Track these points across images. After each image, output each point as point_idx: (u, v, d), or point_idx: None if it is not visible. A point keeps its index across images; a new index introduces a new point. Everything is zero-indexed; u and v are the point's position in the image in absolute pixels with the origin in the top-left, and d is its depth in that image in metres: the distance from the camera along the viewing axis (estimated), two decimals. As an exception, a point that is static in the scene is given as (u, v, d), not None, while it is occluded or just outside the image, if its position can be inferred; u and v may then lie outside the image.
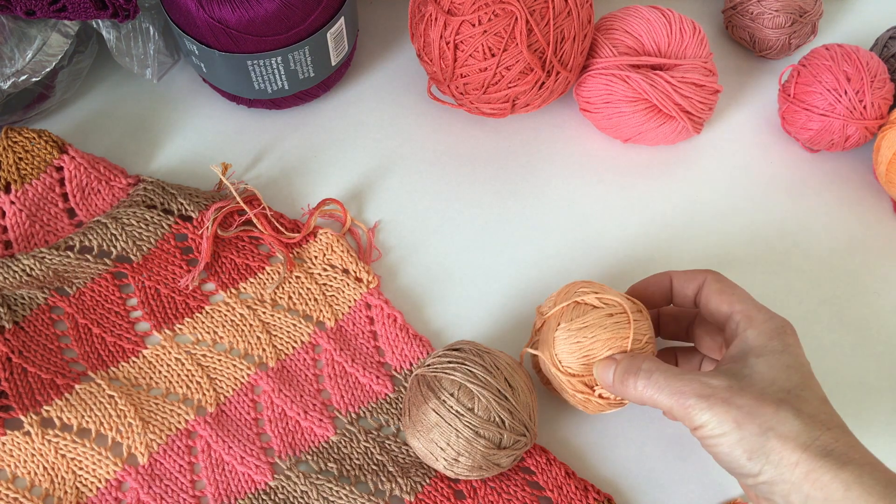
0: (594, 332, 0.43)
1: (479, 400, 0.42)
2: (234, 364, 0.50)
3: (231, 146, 0.59)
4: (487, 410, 0.42)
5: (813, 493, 0.35)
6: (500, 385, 0.42)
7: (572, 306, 0.44)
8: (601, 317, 0.43)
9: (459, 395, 0.42)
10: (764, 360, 0.39)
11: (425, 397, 0.43)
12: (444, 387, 0.42)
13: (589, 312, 0.43)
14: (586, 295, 0.44)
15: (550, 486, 0.46)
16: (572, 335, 0.43)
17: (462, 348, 0.44)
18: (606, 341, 0.42)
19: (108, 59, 0.61)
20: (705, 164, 0.59)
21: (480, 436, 0.42)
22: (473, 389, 0.42)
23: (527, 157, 0.59)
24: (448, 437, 0.42)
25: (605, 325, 0.43)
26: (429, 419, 0.42)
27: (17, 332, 0.50)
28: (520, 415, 0.43)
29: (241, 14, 0.50)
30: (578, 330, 0.43)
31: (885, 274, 0.55)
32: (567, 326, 0.43)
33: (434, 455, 0.43)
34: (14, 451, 0.47)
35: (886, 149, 0.53)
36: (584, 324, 0.43)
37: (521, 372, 0.44)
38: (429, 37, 0.53)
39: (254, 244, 0.54)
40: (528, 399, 0.44)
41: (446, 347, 0.45)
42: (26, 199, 0.52)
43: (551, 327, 0.44)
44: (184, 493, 0.47)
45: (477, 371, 0.42)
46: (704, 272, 0.44)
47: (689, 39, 0.55)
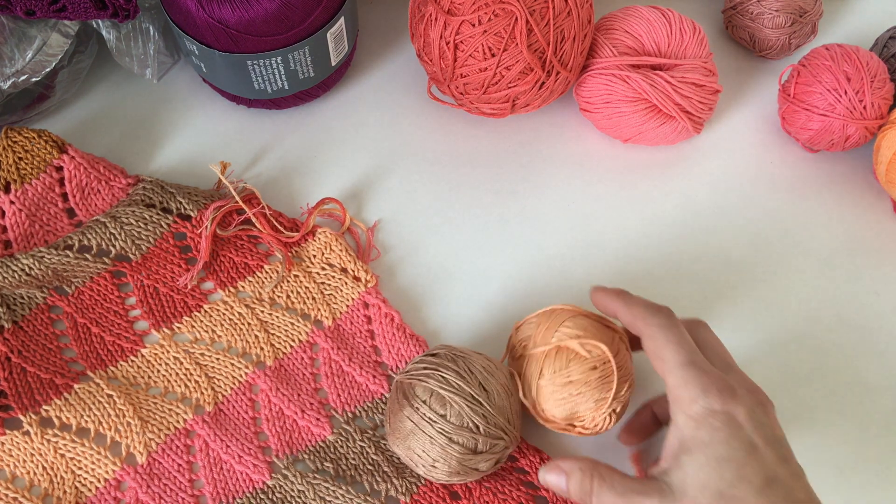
0: (579, 388, 0.43)
1: (452, 406, 0.42)
2: (232, 363, 0.50)
3: (231, 146, 0.59)
4: (460, 416, 0.42)
5: None
6: (474, 390, 0.42)
7: (555, 352, 0.43)
8: (586, 370, 0.43)
9: (432, 401, 0.42)
10: (694, 459, 0.37)
11: (401, 405, 0.43)
12: (417, 394, 0.42)
13: (573, 363, 0.43)
14: (570, 340, 0.43)
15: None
16: (557, 390, 0.43)
17: (438, 353, 0.44)
18: (591, 394, 0.43)
19: (108, 59, 0.61)
20: (705, 164, 0.59)
21: (454, 441, 0.42)
22: (445, 395, 0.42)
23: (527, 157, 0.59)
24: (423, 444, 0.42)
25: (589, 382, 0.43)
26: (405, 426, 0.43)
27: (16, 331, 0.50)
28: (495, 419, 0.42)
29: (241, 14, 0.50)
30: (563, 385, 0.43)
31: (885, 274, 0.55)
32: (552, 380, 0.43)
33: (413, 462, 0.43)
34: (13, 450, 0.47)
35: (886, 149, 0.53)
36: (568, 378, 0.43)
37: (500, 374, 0.44)
38: (429, 37, 0.53)
39: (252, 243, 0.54)
40: (505, 402, 0.43)
41: (424, 353, 0.45)
42: (26, 198, 0.52)
43: (533, 372, 0.44)
44: (182, 492, 0.47)
45: (449, 377, 0.42)
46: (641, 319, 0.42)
47: (689, 39, 0.55)
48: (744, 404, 0.38)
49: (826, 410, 0.50)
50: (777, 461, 0.37)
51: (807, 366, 0.51)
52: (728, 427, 0.37)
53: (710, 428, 0.37)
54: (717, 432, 0.37)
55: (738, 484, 0.36)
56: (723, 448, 0.37)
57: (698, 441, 0.37)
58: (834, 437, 0.42)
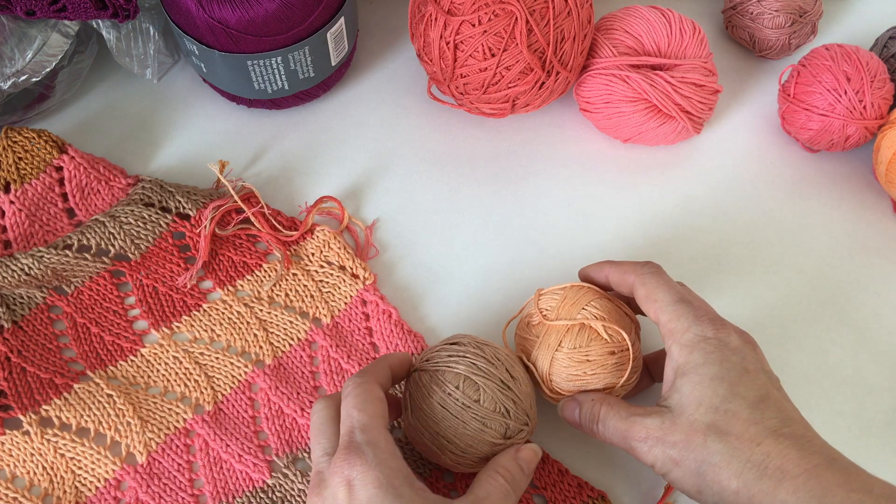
0: (594, 369, 0.43)
1: (485, 391, 0.42)
2: (232, 362, 0.50)
3: (231, 146, 0.59)
4: (493, 401, 0.42)
5: None
6: (503, 376, 0.42)
7: (578, 328, 0.44)
8: (605, 354, 0.43)
9: (464, 387, 0.42)
10: (688, 380, 0.39)
11: (429, 391, 0.42)
12: (447, 380, 0.42)
13: (594, 343, 0.44)
14: (595, 321, 0.44)
15: (544, 483, 0.46)
16: (572, 365, 0.44)
17: (460, 342, 0.44)
18: (603, 377, 0.44)
19: (108, 59, 0.61)
20: (705, 164, 0.59)
21: (488, 426, 0.42)
22: (478, 381, 0.42)
23: (527, 157, 0.59)
24: (455, 431, 0.42)
25: (605, 366, 0.43)
26: (434, 413, 0.42)
27: (15, 331, 0.50)
28: (522, 404, 0.43)
29: (241, 14, 0.50)
30: (579, 363, 0.43)
31: (885, 274, 0.55)
32: (570, 354, 0.44)
33: (441, 450, 0.43)
34: (13, 450, 0.47)
35: (886, 149, 0.53)
36: (586, 357, 0.43)
37: (520, 363, 0.45)
38: (429, 37, 0.53)
39: (251, 242, 0.54)
40: (528, 389, 0.44)
41: (444, 342, 0.45)
42: (26, 198, 0.52)
43: (551, 343, 0.44)
44: (182, 491, 0.47)
45: (479, 363, 0.42)
46: (632, 271, 0.44)
47: (689, 39, 0.55)
48: (735, 335, 0.40)
49: (826, 411, 0.50)
50: (769, 384, 0.39)
51: (807, 366, 0.51)
52: (720, 351, 0.39)
53: (703, 352, 0.39)
54: (710, 355, 0.39)
55: (731, 399, 0.38)
56: (716, 368, 0.39)
57: (692, 364, 0.39)
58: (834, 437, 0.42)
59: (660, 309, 0.42)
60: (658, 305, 0.42)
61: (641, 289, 0.43)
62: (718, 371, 0.39)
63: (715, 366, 0.39)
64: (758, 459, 0.36)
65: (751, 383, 0.38)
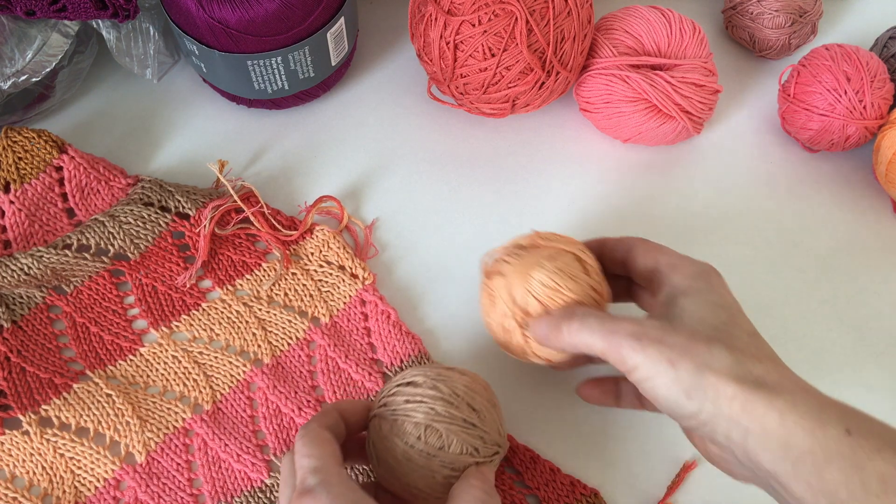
0: (574, 290, 0.42)
1: (449, 436, 0.39)
2: (231, 361, 0.50)
3: (231, 146, 0.59)
4: (459, 444, 0.39)
5: (751, 425, 0.34)
6: (465, 414, 0.40)
7: (572, 256, 0.43)
8: (588, 286, 0.42)
9: (427, 436, 0.39)
10: (691, 300, 0.39)
11: (391, 443, 0.40)
12: (408, 431, 0.39)
13: (582, 273, 0.42)
14: (588, 259, 0.43)
15: (536, 483, 0.46)
16: (558, 276, 0.42)
17: (415, 381, 0.41)
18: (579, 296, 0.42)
19: (108, 59, 0.61)
20: (705, 164, 0.59)
21: (457, 469, 0.40)
22: (440, 428, 0.39)
23: (527, 157, 0.59)
24: (426, 480, 0.40)
25: (586, 296, 0.42)
26: (400, 465, 0.40)
27: (15, 331, 0.50)
28: (490, 436, 0.41)
29: (241, 14, 0.50)
30: (565, 278, 0.42)
31: (885, 274, 0.55)
32: (559, 267, 0.42)
33: (414, 498, 0.41)
34: (13, 450, 0.47)
35: (886, 149, 0.53)
36: (573, 277, 0.42)
37: (479, 386, 0.42)
38: (429, 37, 0.53)
39: (251, 241, 0.54)
40: (493, 415, 0.41)
41: (398, 382, 0.42)
42: (25, 198, 0.52)
43: (543, 254, 0.43)
44: (181, 491, 0.47)
45: (437, 407, 0.40)
46: (632, 238, 0.45)
47: (689, 39, 0.55)
48: None
49: (826, 410, 0.50)
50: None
51: (806, 366, 0.51)
52: (723, 287, 0.40)
53: (706, 282, 0.40)
54: (713, 286, 0.40)
55: (732, 326, 0.38)
56: (718, 299, 0.39)
57: (696, 288, 0.40)
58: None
59: (661, 253, 0.42)
60: (660, 251, 0.43)
61: (642, 245, 0.44)
62: (720, 301, 0.39)
63: (717, 296, 0.39)
64: (759, 372, 0.36)
65: (746, 320, 0.40)
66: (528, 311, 0.42)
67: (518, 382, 0.51)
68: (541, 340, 0.42)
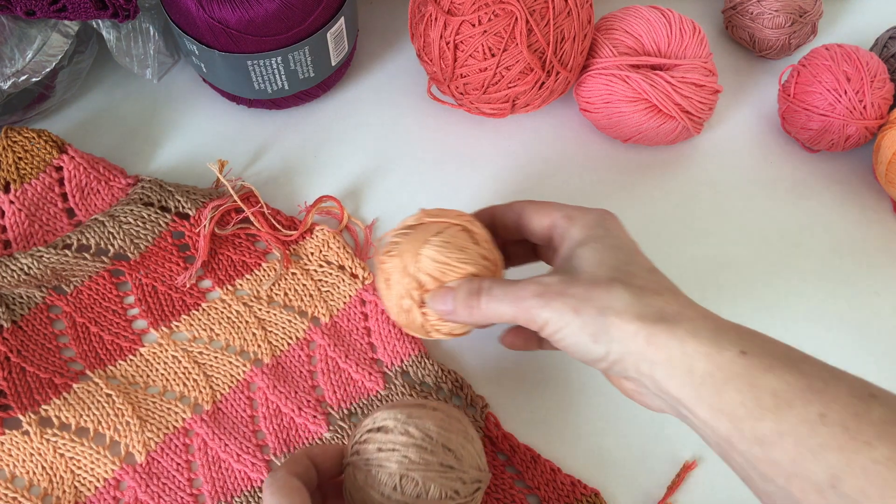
0: (465, 259, 0.42)
1: (426, 483, 0.38)
2: (230, 361, 0.50)
3: (231, 146, 0.59)
4: (438, 489, 0.38)
5: (656, 357, 0.36)
6: (442, 458, 0.38)
7: (459, 228, 0.43)
8: (478, 255, 0.43)
9: (403, 485, 0.38)
10: (589, 247, 0.40)
11: (367, 495, 0.38)
12: (383, 481, 0.38)
13: (470, 243, 0.43)
14: (477, 229, 0.44)
15: (537, 483, 0.46)
16: (447, 249, 0.42)
17: (385, 426, 0.40)
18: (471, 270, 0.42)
19: (108, 59, 0.61)
20: (705, 164, 0.59)
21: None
22: (416, 476, 0.38)
23: (527, 157, 0.59)
24: None
25: (478, 264, 0.42)
26: None
27: (15, 331, 0.50)
28: (469, 474, 0.39)
29: (241, 14, 0.50)
30: (454, 251, 0.42)
31: (885, 274, 0.55)
32: (447, 241, 0.42)
33: None
34: (13, 450, 0.47)
35: (886, 149, 0.53)
36: (462, 248, 0.42)
37: (453, 421, 0.41)
38: (429, 37, 0.53)
39: (250, 241, 0.54)
40: (470, 450, 0.40)
41: (368, 427, 0.40)
42: (25, 198, 0.52)
43: (429, 229, 0.43)
44: (181, 491, 0.47)
45: (411, 454, 0.38)
46: (520, 201, 0.45)
47: (689, 39, 0.55)
48: None
49: (826, 410, 0.50)
50: None
51: (807, 366, 0.51)
52: (619, 229, 0.42)
53: (603, 228, 0.41)
54: (610, 230, 0.41)
55: (631, 264, 0.39)
56: (616, 240, 0.41)
57: (593, 236, 0.41)
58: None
59: (554, 208, 0.43)
60: (553, 206, 0.44)
61: (531, 205, 0.44)
62: (617, 243, 0.41)
63: (614, 239, 0.41)
64: (658, 305, 0.37)
65: (644, 258, 0.41)
66: (424, 287, 0.42)
67: (518, 382, 0.51)
68: (446, 316, 0.42)
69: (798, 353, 0.35)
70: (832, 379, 0.33)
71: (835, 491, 0.30)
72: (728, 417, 0.34)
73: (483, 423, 0.48)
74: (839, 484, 0.30)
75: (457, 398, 0.49)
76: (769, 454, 0.32)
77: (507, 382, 0.50)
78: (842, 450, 0.30)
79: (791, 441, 0.32)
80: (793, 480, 0.32)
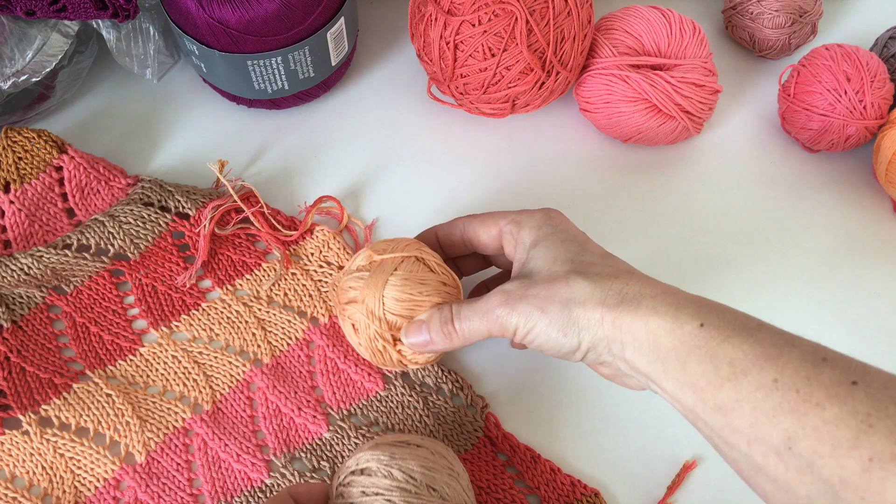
0: (428, 291, 0.43)
1: None
2: (230, 361, 0.50)
3: (231, 146, 0.59)
4: None
5: (624, 338, 0.37)
6: (426, 499, 0.38)
7: (413, 259, 0.44)
8: (437, 282, 0.44)
9: None
10: (541, 247, 0.42)
11: None
12: None
13: (427, 272, 0.44)
14: (428, 256, 0.44)
15: (537, 483, 0.46)
16: (408, 285, 0.43)
17: (368, 468, 0.39)
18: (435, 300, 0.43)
19: (108, 59, 0.61)
20: (705, 164, 0.59)
21: None
22: None
23: (527, 157, 0.59)
24: None
25: (440, 291, 0.43)
26: None
27: (15, 331, 0.50)
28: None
29: (241, 14, 0.50)
30: (415, 284, 0.43)
31: (885, 274, 0.55)
32: (405, 277, 0.43)
33: None
34: (12, 450, 0.47)
35: (886, 149, 0.53)
36: (421, 281, 0.43)
37: (437, 458, 0.40)
38: (429, 37, 0.53)
39: (250, 241, 0.54)
40: (456, 487, 0.40)
41: (351, 469, 0.40)
42: (25, 198, 0.52)
43: (385, 268, 0.43)
44: (181, 491, 0.47)
45: (395, 498, 0.37)
46: (459, 218, 0.47)
47: (689, 39, 0.55)
48: None
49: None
50: None
51: (807, 366, 0.51)
52: (566, 223, 0.43)
53: (551, 225, 0.43)
54: (558, 226, 0.43)
55: (583, 253, 0.41)
56: (565, 234, 0.42)
57: (543, 234, 0.42)
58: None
59: (499, 217, 0.45)
60: (497, 216, 0.45)
61: (474, 220, 0.46)
62: (567, 236, 0.42)
63: (563, 234, 0.42)
64: (618, 288, 0.38)
65: (595, 245, 0.42)
66: (394, 326, 0.43)
67: (518, 382, 0.51)
68: (424, 348, 0.43)
69: (754, 322, 0.36)
70: (786, 345, 0.34)
71: (791, 452, 0.31)
72: (692, 389, 0.35)
73: (483, 424, 0.48)
74: (794, 445, 0.31)
75: (457, 398, 0.49)
76: (730, 421, 0.34)
77: (508, 383, 0.50)
78: (794, 412, 0.32)
79: (748, 407, 0.33)
80: (753, 445, 0.33)
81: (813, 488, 0.31)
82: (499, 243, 0.45)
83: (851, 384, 0.32)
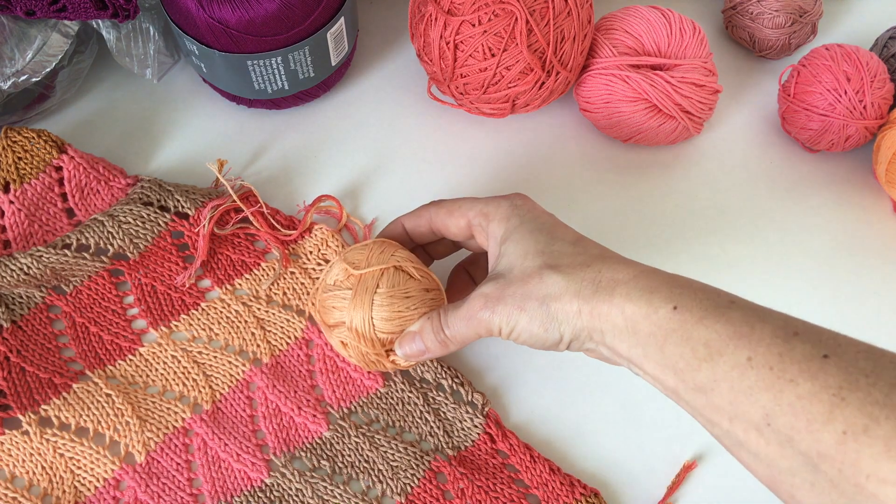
0: (415, 304, 0.43)
1: None
2: (230, 360, 0.50)
3: (231, 146, 0.59)
4: None
5: (604, 326, 0.37)
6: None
7: (392, 271, 0.44)
8: (421, 290, 0.44)
9: None
10: (512, 241, 0.42)
11: None
12: None
13: (409, 281, 0.44)
14: (406, 263, 0.44)
15: (536, 483, 0.46)
16: (395, 303, 0.43)
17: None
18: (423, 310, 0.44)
19: (108, 59, 0.61)
20: (705, 164, 0.59)
21: None
22: None
23: (527, 157, 0.59)
24: None
25: (425, 300, 0.44)
26: None
27: (14, 331, 0.50)
28: None
29: (241, 14, 0.50)
30: (401, 299, 0.43)
31: (885, 274, 0.55)
32: (390, 293, 0.43)
33: None
34: (12, 450, 0.47)
35: (886, 149, 0.53)
36: (406, 294, 0.43)
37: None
38: (429, 37, 0.53)
39: (249, 240, 0.54)
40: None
41: None
42: (25, 198, 0.52)
43: (368, 287, 0.43)
44: (181, 491, 0.47)
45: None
46: (425, 207, 0.47)
47: (689, 39, 0.55)
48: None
49: (826, 410, 0.50)
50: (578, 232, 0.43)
51: (807, 366, 0.51)
52: (532, 211, 0.43)
53: (518, 217, 0.42)
54: (525, 216, 0.42)
55: (553, 242, 0.41)
56: (532, 224, 0.42)
57: (511, 227, 0.42)
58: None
59: (467, 207, 0.44)
60: (465, 206, 0.45)
61: (441, 209, 0.46)
62: (535, 226, 0.42)
63: (531, 223, 0.42)
64: (591, 277, 0.38)
65: (565, 230, 0.42)
66: (385, 343, 0.44)
67: (519, 382, 0.51)
68: (420, 357, 0.44)
69: (725, 299, 0.36)
70: (758, 321, 0.34)
71: (770, 428, 0.32)
72: (672, 371, 0.35)
73: (484, 420, 0.48)
74: (772, 421, 0.32)
75: (457, 395, 0.49)
76: (711, 400, 0.34)
77: (508, 381, 0.50)
78: (770, 389, 0.32)
79: (726, 386, 0.33)
80: (734, 422, 0.33)
81: (793, 462, 0.31)
82: (468, 233, 0.45)
83: (823, 358, 0.32)
